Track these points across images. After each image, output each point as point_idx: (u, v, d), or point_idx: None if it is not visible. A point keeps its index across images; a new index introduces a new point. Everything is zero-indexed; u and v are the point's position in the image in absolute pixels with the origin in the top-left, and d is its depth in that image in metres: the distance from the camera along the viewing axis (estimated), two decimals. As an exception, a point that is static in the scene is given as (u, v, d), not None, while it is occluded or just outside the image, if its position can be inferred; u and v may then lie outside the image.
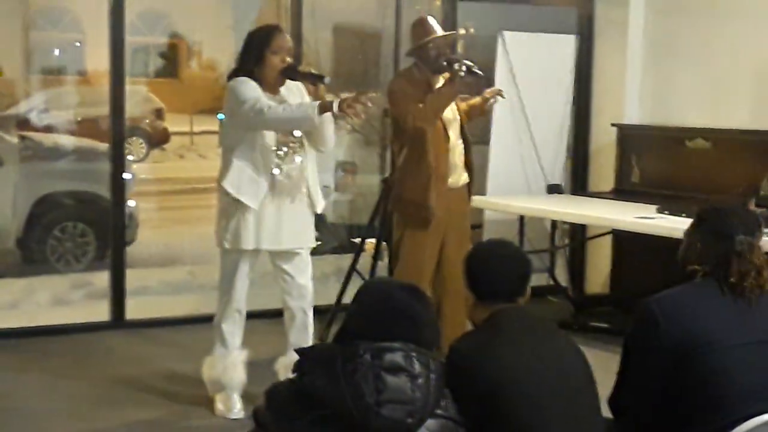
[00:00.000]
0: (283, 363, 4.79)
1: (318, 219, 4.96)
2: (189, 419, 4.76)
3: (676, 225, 5.16)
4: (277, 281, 4.87)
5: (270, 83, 4.62)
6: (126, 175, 6.48)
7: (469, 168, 5.24)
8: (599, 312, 6.78)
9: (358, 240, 6.11)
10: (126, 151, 6.70)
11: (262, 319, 5.62)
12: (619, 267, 7.02)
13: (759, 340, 2.85)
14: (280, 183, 4.61)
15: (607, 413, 2.95)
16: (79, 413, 4.80)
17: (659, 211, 5.83)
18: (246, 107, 4.47)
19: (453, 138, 5.14)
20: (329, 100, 4.53)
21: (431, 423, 2.39)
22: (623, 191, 6.86)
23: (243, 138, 4.58)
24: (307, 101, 4.61)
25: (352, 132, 8.93)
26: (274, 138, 4.61)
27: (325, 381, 2.34)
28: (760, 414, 2.75)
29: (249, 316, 4.89)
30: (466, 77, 4.95)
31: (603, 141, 7.22)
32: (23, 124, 10.71)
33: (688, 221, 3.14)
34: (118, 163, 6.28)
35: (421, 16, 5.32)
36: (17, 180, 7.99)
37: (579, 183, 7.46)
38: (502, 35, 6.87)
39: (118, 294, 6.27)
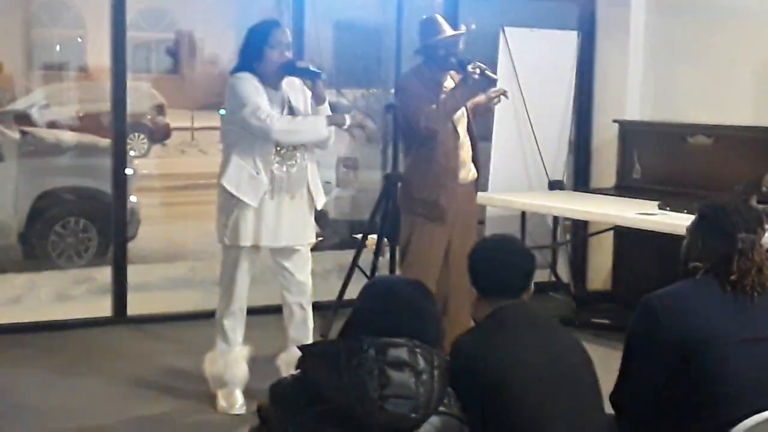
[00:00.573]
0: (285, 359, 4.81)
1: (319, 215, 4.96)
2: (191, 415, 4.75)
3: (677, 221, 5.17)
4: (277, 277, 4.88)
5: (270, 78, 4.62)
6: (127, 171, 6.47)
7: (476, 164, 5.25)
8: (601, 308, 6.77)
9: (359, 236, 6.11)
10: (128, 147, 6.71)
11: (263, 315, 5.62)
12: (621, 263, 7.01)
13: (759, 337, 2.85)
14: (280, 180, 4.61)
15: (610, 409, 2.95)
16: (81, 409, 4.80)
17: (661, 208, 5.83)
18: (247, 112, 4.48)
19: (461, 134, 5.14)
20: (340, 115, 4.55)
21: (435, 419, 2.39)
22: (625, 187, 6.85)
23: (243, 135, 4.58)
24: (319, 109, 4.65)
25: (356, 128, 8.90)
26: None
27: (329, 376, 2.34)
28: (760, 411, 2.75)
29: (250, 311, 4.88)
30: (479, 80, 4.95)
31: (604, 137, 7.22)
32: (25, 119, 10.73)
33: (689, 217, 3.14)
34: (119, 159, 6.27)
35: (431, 15, 5.30)
36: (19, 176, 7.98)
37: (581, 179, 7.44)
38: (503, 31, 6.87)
39: (119, 290, 6.26)
